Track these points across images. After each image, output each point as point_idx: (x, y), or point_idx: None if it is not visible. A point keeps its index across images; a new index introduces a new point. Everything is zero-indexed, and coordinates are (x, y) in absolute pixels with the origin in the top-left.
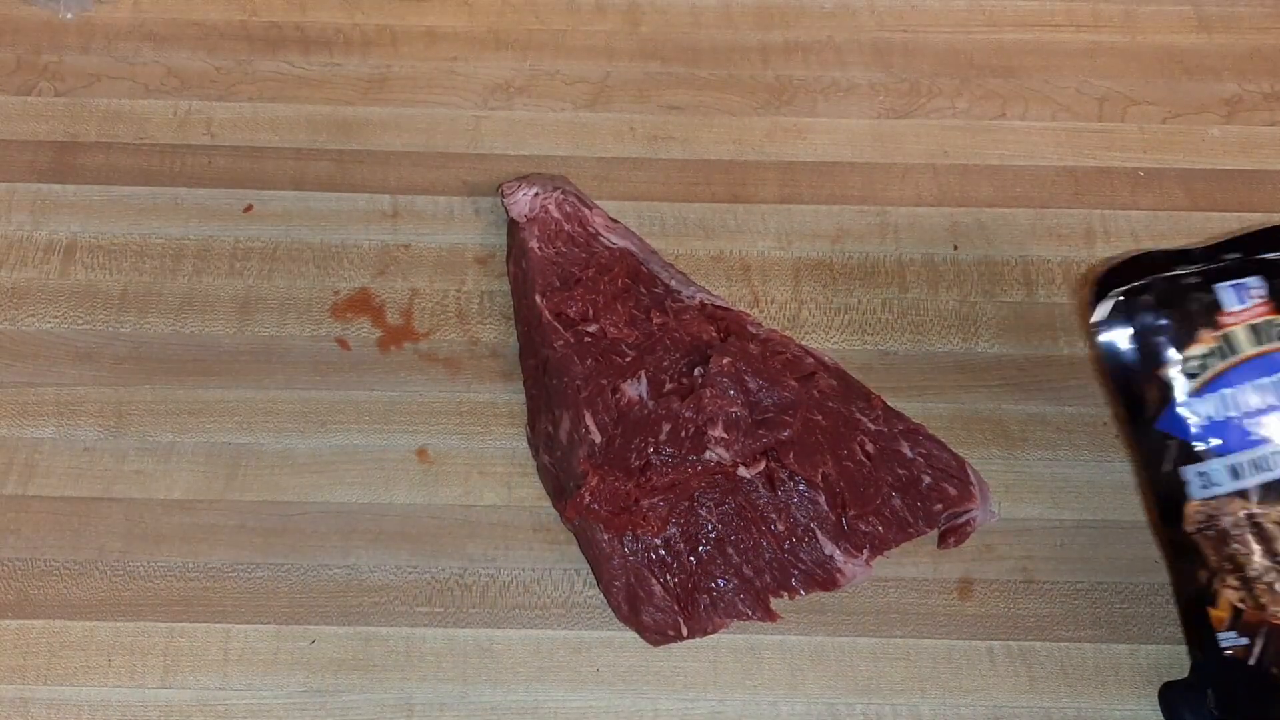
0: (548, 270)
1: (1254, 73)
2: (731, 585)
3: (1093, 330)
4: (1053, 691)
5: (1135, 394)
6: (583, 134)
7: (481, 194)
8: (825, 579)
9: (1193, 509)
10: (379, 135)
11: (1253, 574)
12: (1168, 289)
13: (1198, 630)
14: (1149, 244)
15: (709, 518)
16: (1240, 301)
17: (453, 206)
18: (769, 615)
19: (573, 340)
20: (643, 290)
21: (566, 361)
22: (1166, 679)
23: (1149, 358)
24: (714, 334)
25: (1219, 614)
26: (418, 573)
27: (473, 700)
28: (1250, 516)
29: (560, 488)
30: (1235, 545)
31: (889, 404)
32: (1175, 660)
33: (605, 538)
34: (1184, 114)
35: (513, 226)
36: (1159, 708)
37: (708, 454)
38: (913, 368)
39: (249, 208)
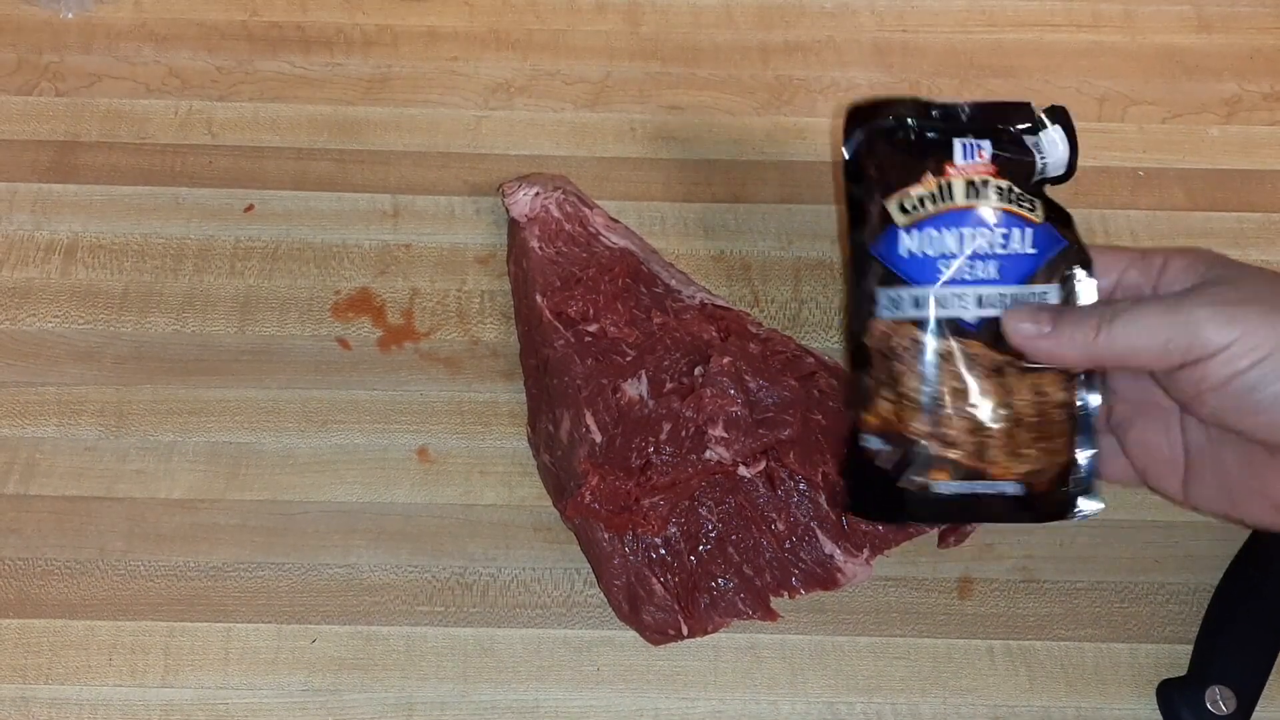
0: (548, 270)
1: (1254, 73)
2: (732, 584)
3: (842, 153)
4: (1053, 691)
5: (860, 216)
6: (583, 134)
7: (482, 194)
8: (825, 578)
9: (876, 326)
10: (380, 135)
11: (904, 391)
12: (909, 131)
13: (850, 428)
14: (1148, 242)
15: (709, 517)
16: (967, 157)
17: (453, 206)
18: (769, 614)
19: (573, 340)
20: (643, 290)
21: (567, 361)
22: (1165, 678)
23: (878, 187)
24: (714, 334)
25: (870, 418)
26: (418, 572)
27: (473, 699)
28: (917, 343)
29: (561, 487)
30: (898, 364)
31: None
32: (1175, 660)
33: (605, 537)
34: (1184, 114)
35: (513, 226)
36: (1157, 707)
37: (708, 453)
38: None
39: (250, 207)
